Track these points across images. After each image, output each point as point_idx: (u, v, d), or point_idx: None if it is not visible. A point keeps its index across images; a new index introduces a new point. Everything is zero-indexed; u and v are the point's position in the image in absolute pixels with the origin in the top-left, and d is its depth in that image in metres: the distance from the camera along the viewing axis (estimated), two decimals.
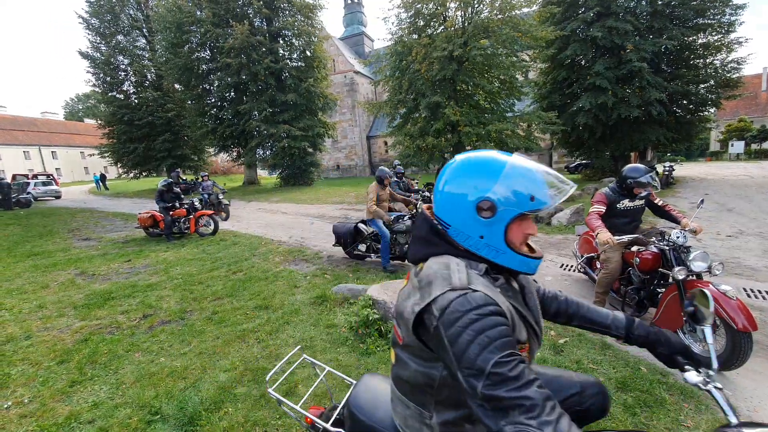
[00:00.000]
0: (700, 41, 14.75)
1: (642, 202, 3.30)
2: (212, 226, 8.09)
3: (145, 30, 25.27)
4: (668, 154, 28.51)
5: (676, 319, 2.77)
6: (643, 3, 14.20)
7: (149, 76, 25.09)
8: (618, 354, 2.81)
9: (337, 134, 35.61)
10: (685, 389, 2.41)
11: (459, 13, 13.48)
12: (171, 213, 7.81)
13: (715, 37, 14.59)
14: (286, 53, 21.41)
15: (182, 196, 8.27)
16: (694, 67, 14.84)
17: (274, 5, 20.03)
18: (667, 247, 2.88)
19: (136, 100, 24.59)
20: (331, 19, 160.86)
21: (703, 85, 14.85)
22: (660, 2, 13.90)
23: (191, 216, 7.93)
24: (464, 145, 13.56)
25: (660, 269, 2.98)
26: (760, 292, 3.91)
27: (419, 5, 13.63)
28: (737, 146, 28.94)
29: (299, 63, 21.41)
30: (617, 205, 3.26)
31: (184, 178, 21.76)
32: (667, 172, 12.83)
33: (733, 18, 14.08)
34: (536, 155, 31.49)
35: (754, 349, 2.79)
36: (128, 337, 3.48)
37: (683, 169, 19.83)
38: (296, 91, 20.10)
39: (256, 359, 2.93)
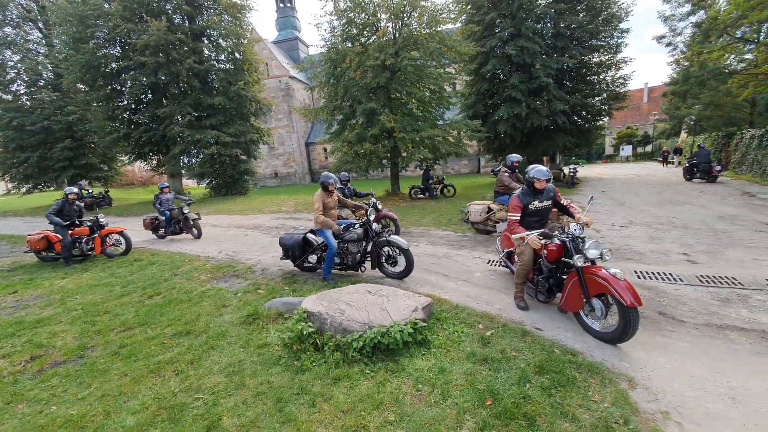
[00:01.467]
0: (594, 60, 17.28)
1: (549, 202, 3.74)
2: (123, 245, 7.14)
3: (40, 22, 21.71)
4: (573, 158, 33.00)
5: (578, 301, 3.14)
6: (549, 25, 16.16)
7: (45, 75, 21.58)
8: (536, 339, 3.07)
9: (274, 141, 34.26)
10: (593, 367, 2.67)
11: (390, 24, 13.92)
12: (70, 232, 6.71)
13: (606, 57, 17.22)
14: (213, 54, 20.03)
15: (83, 211, 7.13)
16: (590, 82, 17.30)
17: (196, 2, 18.62)
18: (568, 239, 3.27)
19: (28, 102, 20.93)
20: (264, 23, 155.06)
21: (597, 98, 17.41)
22: (562, 25, 15.93)
23: (96, 235, 6.89)
24: (400, 150, 13.96)
25: (563, 258, 3.37)
26: (647, 273, 4.60)
27: (351, 14, 13.78)
28: (626, 150, 34.58)
29: (228, 65, 20.17)
30: (529, 206, 3.68)
31: (90, 190, 18.98)
32: (572, 173, 14.75)
33: (619, 40, 16.76)
34: (467, 160, 33.81)
35: (645, 324, 3.27)
36: (10, 385, 2.90)
37: (584, 171, 22.97)
38: (225, 95, 18.88)
39: (174, 395, 2.62)
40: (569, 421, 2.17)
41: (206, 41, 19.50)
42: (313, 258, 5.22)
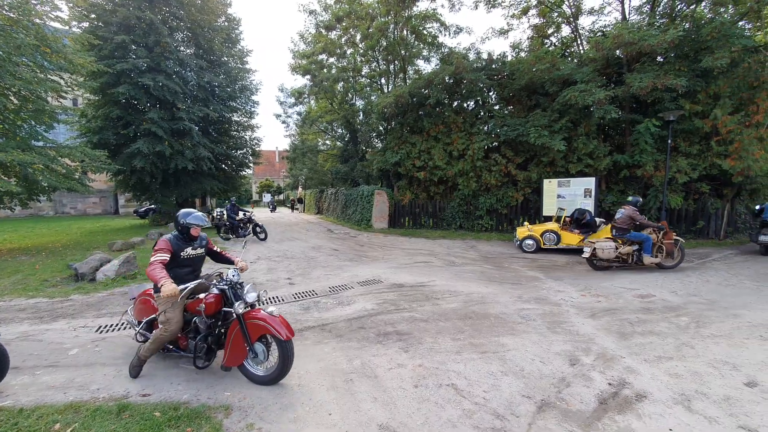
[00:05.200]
0: (235, 118, 19.66)
1: (203, 250, 3.41)
2: None
3: None
4: (225, 202, 36.17)
5: (242, 351, 3.00)
6: (191, 74, 16.56)
7: None
8: (136, 411, 2.69)
9: None
10: (193, 413, 2.61)
11: None
12: None
13: (244, 119, 20.16)
14: None
15: None
16: (233, 137, 19.49)
17: None
18: (227, 286, 3.10)
19: None
20: None
21: (240, 151, 19.87)
22: (204, 80, 16.83)
23: None
24: None
25: (223, 309, 3.14)
26: (278, 299, 5.55)
27: None
28: (267, 197, 42.22)
29: None
30: (181, 254, 3.19)
31: None
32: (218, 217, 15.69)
33: (252, 109, 20.19)
34: (96, 197, 26.52)
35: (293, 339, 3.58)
36: None
37: None
38: None
39: None
40: None
41: None
42: None
